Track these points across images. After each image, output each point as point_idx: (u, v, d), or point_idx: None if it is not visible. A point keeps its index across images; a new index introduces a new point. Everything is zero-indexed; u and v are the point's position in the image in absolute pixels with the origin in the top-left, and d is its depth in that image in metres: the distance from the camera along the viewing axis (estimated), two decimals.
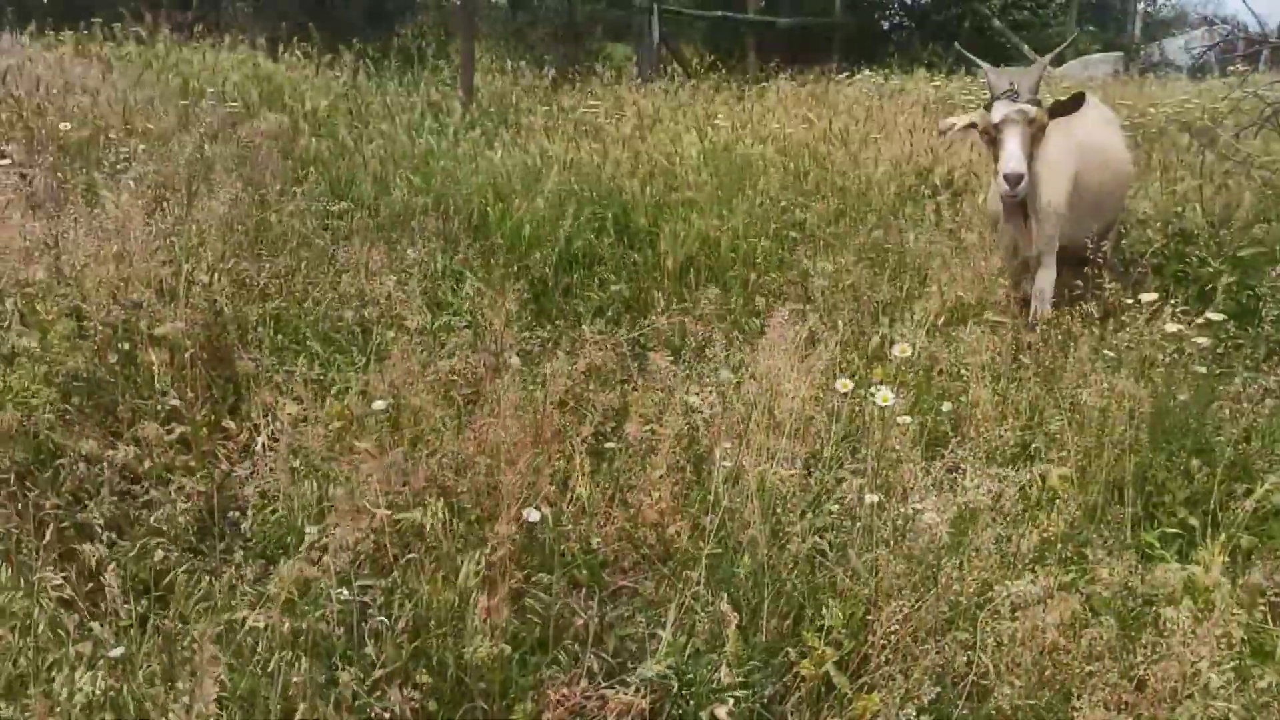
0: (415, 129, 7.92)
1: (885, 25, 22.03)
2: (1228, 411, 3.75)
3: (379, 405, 3.36)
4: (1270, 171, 6.02)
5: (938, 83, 11.71)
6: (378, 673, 2.38)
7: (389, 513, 2.80)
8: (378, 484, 2.86)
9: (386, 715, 2.30)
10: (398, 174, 6.66)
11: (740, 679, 2.61)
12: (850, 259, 5.29)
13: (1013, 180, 4.33)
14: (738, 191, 6.60)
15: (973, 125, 4.59)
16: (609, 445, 3.62)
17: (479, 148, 7.41)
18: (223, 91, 8.31)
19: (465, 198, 6.20)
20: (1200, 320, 4.17)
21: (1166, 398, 3.70)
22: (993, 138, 4.46)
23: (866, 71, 12.68)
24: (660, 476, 3.45)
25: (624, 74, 12.33)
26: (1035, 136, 4.42)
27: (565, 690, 2.45)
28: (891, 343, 4.18)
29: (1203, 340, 4.07)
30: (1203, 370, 3.97)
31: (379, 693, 2.35)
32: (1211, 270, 5.18)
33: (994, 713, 2.44)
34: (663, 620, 2.85)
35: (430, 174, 6.76)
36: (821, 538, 3.07)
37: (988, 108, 4.50)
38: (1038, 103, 4.46)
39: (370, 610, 2.54)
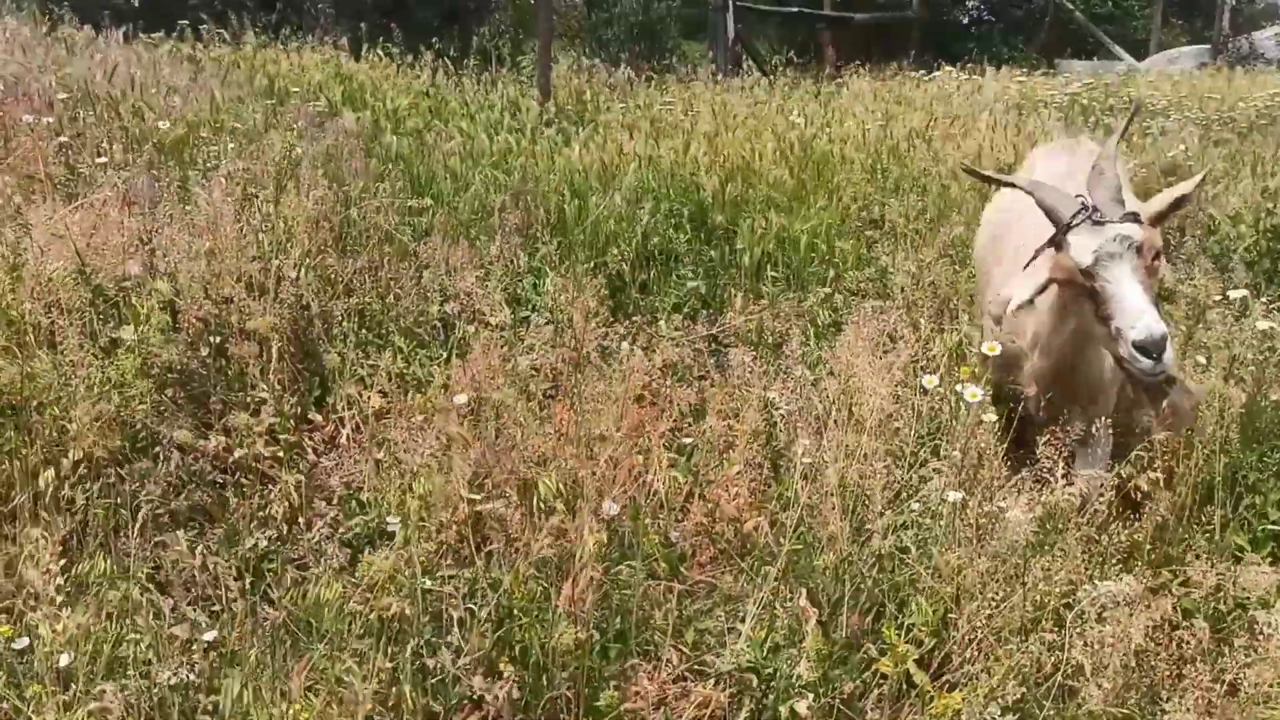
0: (494, 127, 8.00)
1: (964, 19, 21.71)
2: None
3: (461, 399, 3.41)
4: None
5: (1021, 78, 11.51)
6: (463, 660, 2.42)
7: (472, 503, 2.85)
8: (461, 476, 2.90)
9: (471, 701, 2.34)
10: (477, 171, 6.74)
11: (819, 675, 2.61)
12: (932, 256, 5.23)
13: (1156, 347, 2.73)
14: (816, 188, 6.57)
15: (1052, 283, 3.05)
16: (687, 440, 3.63)
17: (556, 145, 7.47)
18: (307, 91, 8.48)
19: (543, 195, 6.25)
20: None
21: (1258, 397, 3.61)
22: (1089, 288, 2.90)
23: (947, 68, 12.51)
24: (738, 472, 3.46)
25: (700, 71, 12.33)
26: (1150, 268, 2.91)
27: (647, 681, 2.47)
28: (972, 341, 4.13)
29: None
30: None
31: (465, 680, 2.39)
32: None
33: (1081, 715, 2.41)
34: (742, 614, 2.86)
35: (509, 171, 6.83)
36: (902, 535, 3.05)
37: (1058, 245, 2.98)
38: (1135, 216, 2.92)
39: (454, 599, 2.58)
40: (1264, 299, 4.28)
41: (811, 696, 2.54)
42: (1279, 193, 5.88)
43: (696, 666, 2.69)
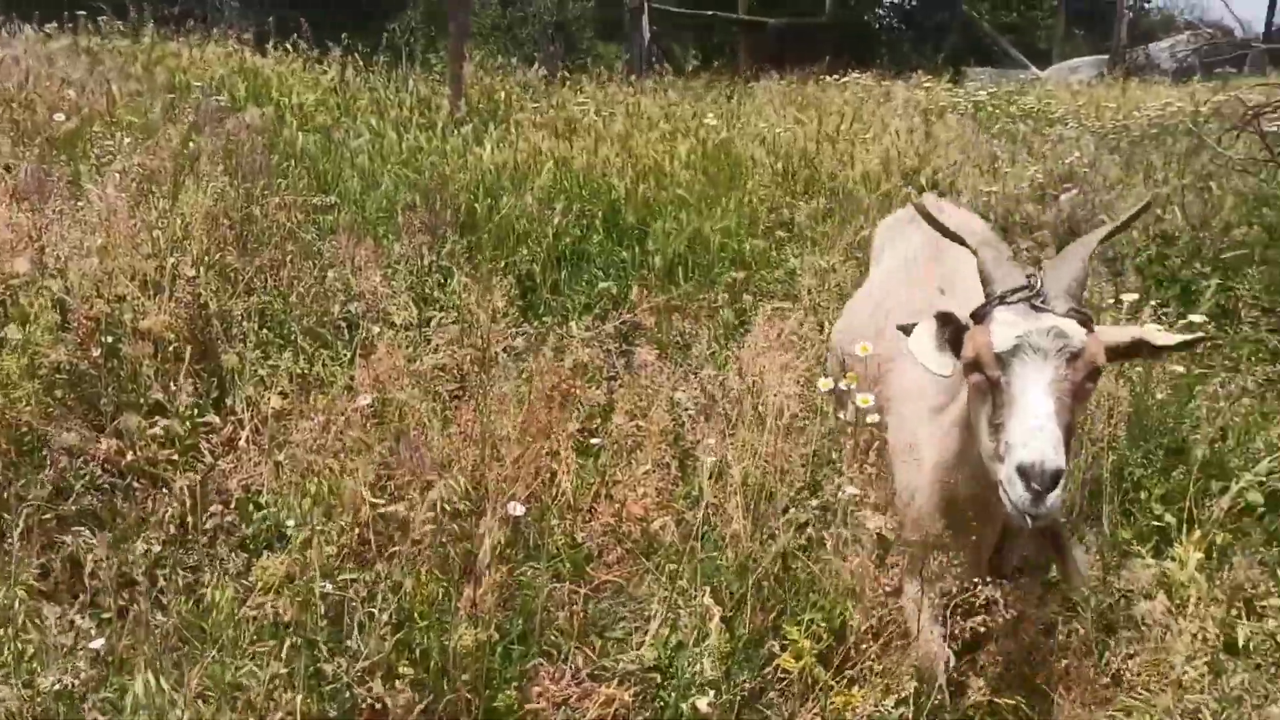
0: (404, 125, 7.91)
1: (875, 26, 22.11)
2: (1205, 410, 3.78)
3: (364, 400, 3.36)
4: (1251, 174, 6.06)
5: (929, 85, 11.74)
6: (361, 664, 2.38)
7: (374, 505, 2.81)
8: (362, 478, 2.86)
9: (369, 705, 2.30)
10: (386, 169, 6.65)
11: (722, 672, 2.62)
12: (838, 258, 5.31)
13: (1042, 478, 2.08)
14: (727, 190, 6.62)
15: (958, 359, 2.41)
16: (595, 441, 3.63)
17: (468, 144, 7.41)
18: (209, 85, 8.28)
19: (453, 194, 6.20)
20: (1183, 322, 4.20)
21: (1144, 397, 3.73)
22: (993, 380, 2.28)
23: (855, 74, 12.71)
24: (645, 472, 3.46)
25: (614, 72, 12.34)
26: (1079, 388, 2.24)
27: (550, 682, 2.46)
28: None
29: None
30: (1180, 370, 4.00)
31: (364, 684, 2.36)
32: (1193, 272, 5.21)
33: (972, 707, 2.46)
34: (647, 614, 2.86)
35: (419, 169, 6.76)
36: (802, 533, 3.09)
37: (979, 316, 2.37)
38: (1085, 316, 2.29)
39: (353, 603, 2.54)
40: (1153, 302, 4.43)
41: (714, 693, 2.55)
42: (1169, 198, 6.09)
43: (601, 667, 2.69)
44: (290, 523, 2.78)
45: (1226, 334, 4.60)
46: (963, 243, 2.54)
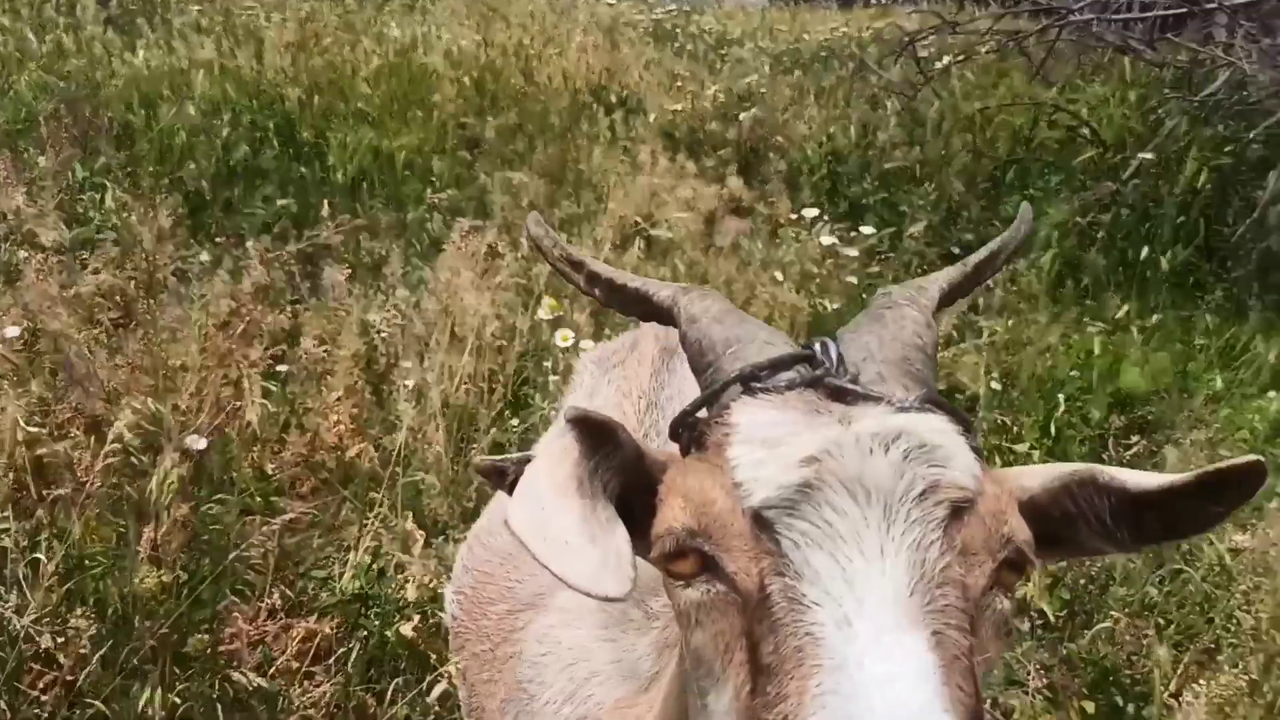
0: (44, 25, 7.06)
1: None
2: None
3: (11, 331, 3.00)
4: (908, 96, 6.54)
5: (612, 1, 11.82)
6: (28, 617, 2.16)
7: (31, 445, 2.53)
8: (14, 416, 2.56)
9: (41, 659, 2.09)
10: (23, 74, 5.93)
11: (429, 596, 2.59)
12: (529, 175, 5.27)
13: None
14: (412, 105, 6.39)
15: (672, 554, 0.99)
16: (282, 368, 3.45)
17: (119, 48, 6.72)
18: None
19: (105, 102, 5.62)
20: (854, 234, 4.51)
21: (822, 305, 3.98)
22: (742, 588, 0.93)
23: None
24: (338, 399, 3.33)
25: None
26: (974, 598, 0.93)
27: (244, 622, 2.34)
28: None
29: (853, 251, 4.39)
30: (853, 280, 4.30)
31: (30, 640, 2.14)
32: (861, 188, 5.59)
33: None
34: (347, 543, 2.78)
35: (64, 75, 6.07)
36: (504, 452, 3.09)
37: (691, 430, 1.06)
38: (962, 421, 1.02)
39: (14, 554, 2.29)
40: (826, 216, 4.72)
41: (419, 617, 2.52)
42: (840, 121, 6.46)
43: (299, 601, 2.58)
44: None
45: (894, 245, 4.95)
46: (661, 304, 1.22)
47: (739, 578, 0.92)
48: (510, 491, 0.96)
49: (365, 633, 2.50)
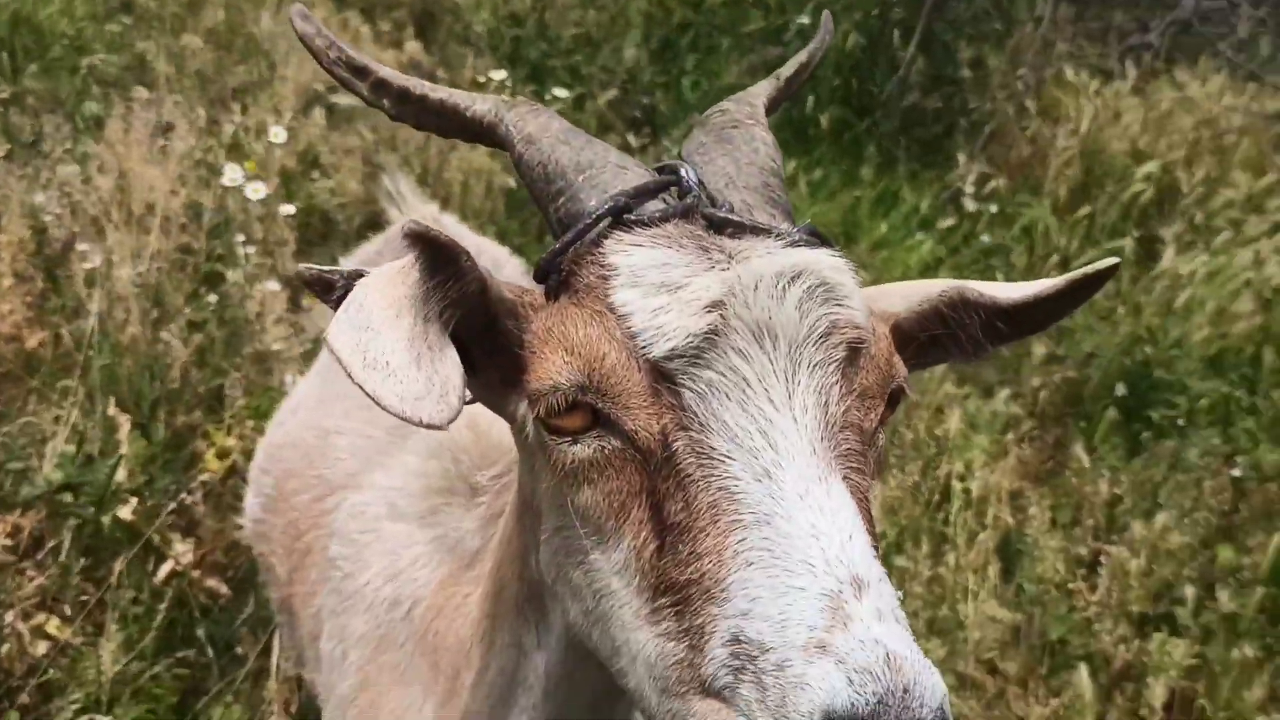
0: None
1: None
2: None
3: None
4: None
5: None
6: None
7: None
8: None
9: None
10: None
11: (143, 479, 2.54)
12: (195, 41, 4.94)
13: None
14: None
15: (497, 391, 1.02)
16: None
17: None
18: None
19: None
20: (548, 98, 4.56)
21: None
22: (643, 445, 0.90)
23: None
24: (9, 286, 3.10)
25: None
26: (867, 438, 0.94)
27: None
28: (258, 131, 4.05)
29: None
30: None
31: None
32: (540, 51, 5.64)
33: None
34: (43, 435, 2.64)
35: None
36: (202, 330, 3.01)
37: (559, 270, 0.99)
38: (819, 238, 1.02)
39: None
40: (509, 80, 4.75)
41: (136, 500, 2.47)
42: None
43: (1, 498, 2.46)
44: None
45: (579, 108, 5.06)
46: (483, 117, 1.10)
47: (639, 435, 0.87)
48: (335, 307, 0.89)
49: (79, 521, 2.42)
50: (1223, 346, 4.01)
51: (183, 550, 2.46)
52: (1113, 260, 1.02)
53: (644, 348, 0.86)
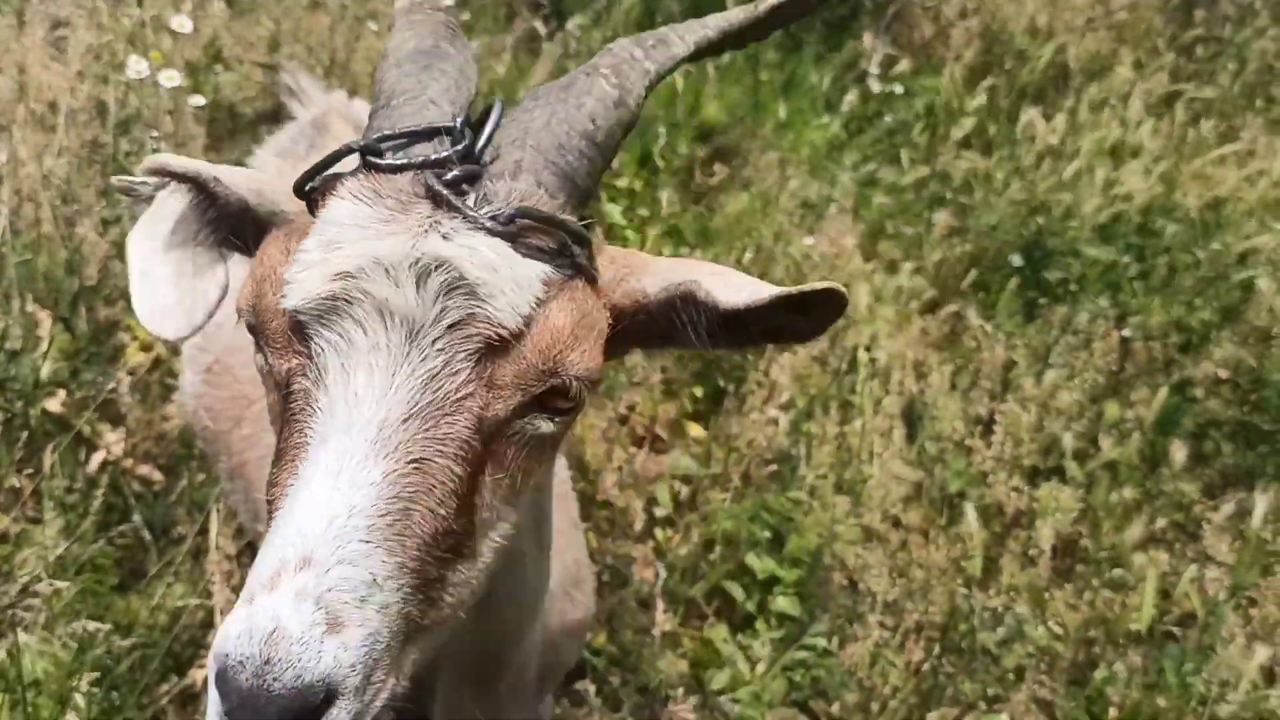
0: None
1: None
2: None
3: None
4: None
5: None
6: None
7: None
8: None
9: None
10: None
11: (69, 372, 2.57)
12: None
13: (258, 691, 0.83)
14: None
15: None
16: None
17: None
18: None
19: None
20: None
21: None
22: (278, 378, 1.02)
23: None
24: None
25: None
26: (495, 441, 1.01)
27: None
28: (155, 27, 3.96)
29: None
30: None
31: None
32: None
33: None
34: None
35: None
36: (119, 225, 3.01)
37: (305, 196, 1.06)
38: (577, 236, 1.02)
39: None
40: None
41: (64, 393, 2.51)
42: None
43: None
44: None
45: None
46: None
47: (274, 369, 0.99)
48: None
49: (7, 415, 2.45)
50: (1113, 214, 4.20)
51: (114, 440, 2.51)
52: (831, 284, 1.02)
53: (283, 297, 0.96)
